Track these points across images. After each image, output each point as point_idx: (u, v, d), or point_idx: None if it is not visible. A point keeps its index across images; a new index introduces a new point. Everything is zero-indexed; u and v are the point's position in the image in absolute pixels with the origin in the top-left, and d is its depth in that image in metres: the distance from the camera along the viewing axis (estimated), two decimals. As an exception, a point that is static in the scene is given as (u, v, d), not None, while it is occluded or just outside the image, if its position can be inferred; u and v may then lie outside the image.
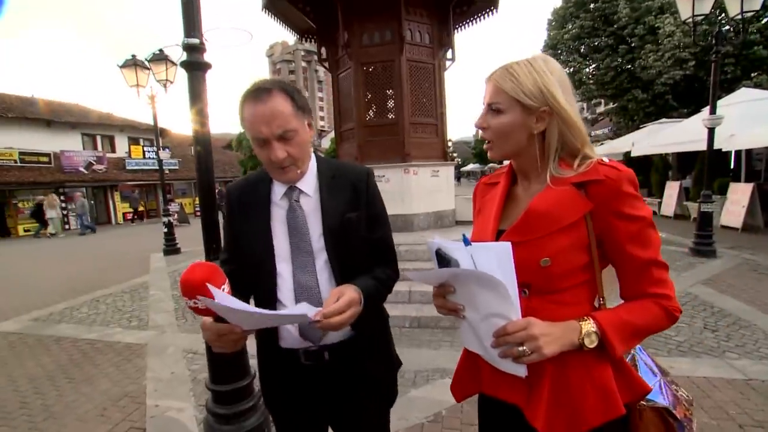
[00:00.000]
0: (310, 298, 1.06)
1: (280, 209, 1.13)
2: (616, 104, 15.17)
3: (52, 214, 16.16)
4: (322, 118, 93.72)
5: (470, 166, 59.18)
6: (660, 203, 11.07)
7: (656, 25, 12.26)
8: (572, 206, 0.85)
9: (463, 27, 7.52)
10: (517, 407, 0.90)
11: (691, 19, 6.00)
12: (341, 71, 7.11)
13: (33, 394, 3.08)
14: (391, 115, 6.76)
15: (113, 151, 22.44)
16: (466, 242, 0.84)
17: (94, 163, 20.13)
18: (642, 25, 12.82)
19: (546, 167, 0.91)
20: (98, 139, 22.10)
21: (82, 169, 19.57)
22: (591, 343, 0.81)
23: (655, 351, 3.19)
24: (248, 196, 1.16)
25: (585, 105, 29.50)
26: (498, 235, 0.93)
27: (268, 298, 1.09)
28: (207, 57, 2.08)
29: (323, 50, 7.48)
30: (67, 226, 18.25)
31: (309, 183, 1.14)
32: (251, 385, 2.32)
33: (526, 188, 0.97)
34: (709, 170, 6.74)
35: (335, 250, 1.10)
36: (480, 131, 0.98)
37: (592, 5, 14.25)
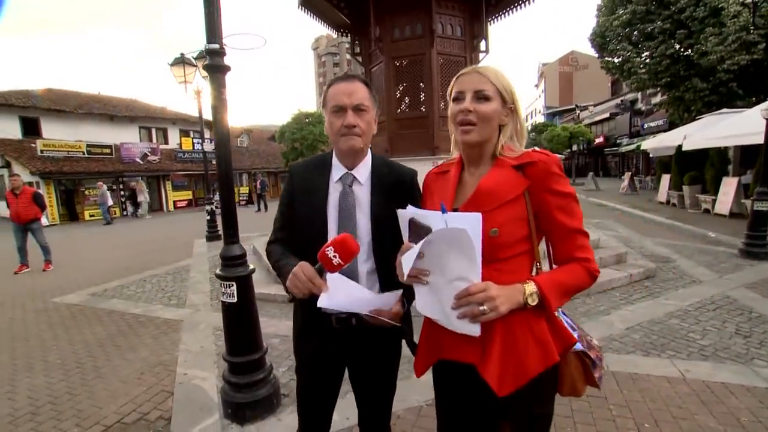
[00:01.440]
0: (349, 268, 1.19)
1: (335, 191, 1.29)
2: (670, 95, 14.12)
3: (141, 198, 18.20)
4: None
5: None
6: (714, 200, 10.28)
7: (719, 6, 11.25)
8: (513, 184, 1.01)
9: (497, 18, 7.32)
10: (471, 366, 1.01)
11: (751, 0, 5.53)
12: (373, 65, 7.20)
13: (86, 356, 3.52)
14: (421, 109, 6.78)
15: (166, 142, 24.04)
16: (444, 210, 0.93)
17: (149, 154, 21.66)
18: (703, 7, 11.81)
19: (487, 156, 1.09)
20: (153, 131, 23.75)
21: (138, 159, 21.14)
22: (533, 301, 0.96)
23: (674, 353, 3.07)
24: (309, 175, 1.33)
25: (640, 95, 27.58)
26: (454, 211, 1.03)
27: (313, 262, 1.18)
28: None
29: (357, 44, 7.62)
30: (125, 213, 19.86)
31: (363, 172, 1.30)
32: (263, 358, 2.54)
33: (473, 173, 1.11)
34: (766, 165, 6.18)
35: (377, 232, 1.25)
36: (463, 118, 1.06)
37: (647, -13, 13.30)
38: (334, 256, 1.04)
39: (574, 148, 29.17)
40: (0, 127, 17.56)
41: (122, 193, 20.14)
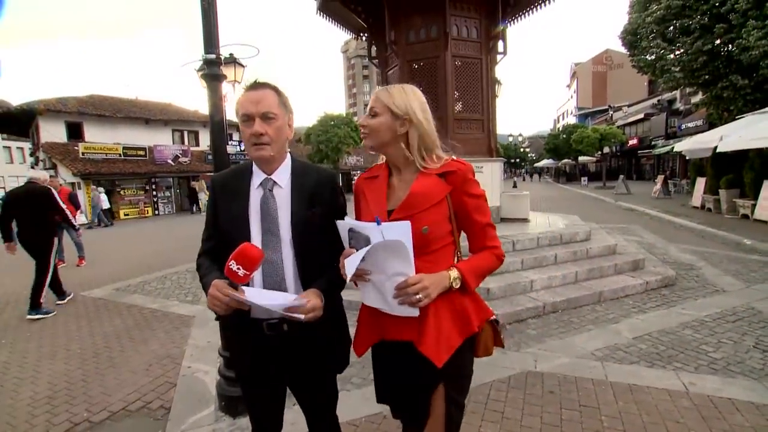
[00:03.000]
0: (274, 270, 1.29)
1: (257, 196, 1.31)
2: (708, 93, 13.37)
3: (202, 196, 19.30)
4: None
5: (543, 162, 55.91)
6: (754, 205, 9.67)
7: (763, -2, 10.57)
8: (438, 189, 1.21)
9: (516, 19, 7.24)
10: (409, 343, 1.20)
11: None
12: (390, 68, 7.26)
13: (104, 346, 3.75)
14: (437, 111, 6.76)
15: (197, 145, 24.99)
16: (378, 222, 1.10)
17: (180, 155, 22.59)
18: (745, -1, 11.12)
19: (411, 163, 1.25)
20: (185, 134, 24.76)
21: (170, 161, 22.09)
22: (456, 284, 1.18)
23: (682, 366, 2.94)
24: (231, 184, 1.36)
25: (678, 95, 26.26)
26: (389, 214, 1.22)
27: None
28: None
29: (373, 48, 7.70)
30: (157, 212, 20.81)
31: (283, 176, 1.33)
32: (256, 355, 2.62)
33: (400, 179, 1.29)
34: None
35: (299, 235, 1.29)
36: (363, 135, 1.30)
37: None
38: (238, 269, 1.09)
39: (606, 150, 28.09)
40: (48, 131, 18.88)
41: (155, 193, 21.12)
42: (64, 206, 5.19)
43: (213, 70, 2.36)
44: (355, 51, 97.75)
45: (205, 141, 25.49)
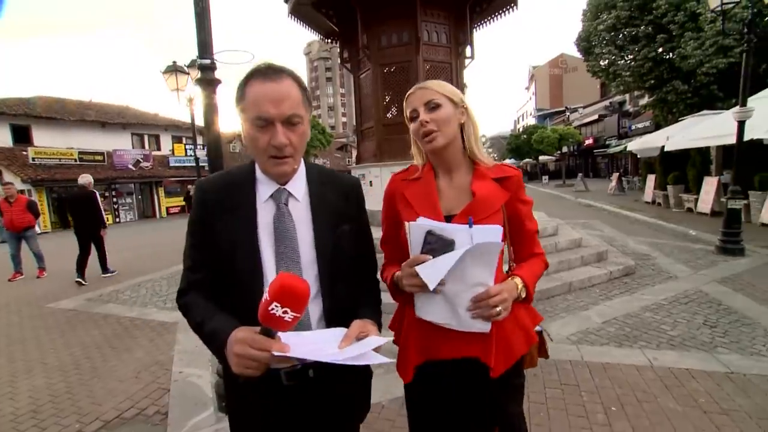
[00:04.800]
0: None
1: (267, 212, 1.01)
2: (654, 97, 14.48)
3: None
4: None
5: (506, 162, 57.88)
6: (696, 200, 10.59)
7: (698, 11, 11.62)
8: (498, 195, 1.14)
9: (482, 25, 7.58)
10: (469, 360, 1.11)
11: (720, 8, 5.81)
12: (362, 72, 7.40)
13: (84, 357, 3.64)
14: (408, 114, 6.96)
15: (159, 149, 24.05)
16: (471, 224, 1.01)
17: (141, 160, 21.66)
18: (683, 12, 12.18)
19: (463, 160, 1.19)
20: (146, 138, 23.76)
21: (130, 166, 21.12)
22: (522, 293, 1.12)
23: (646, 344, 3.26)
24: (228, 194, 1.02)
25: (628, 97, 28.10)
26: (447, 219, 1.11)
27: (249, 308, 0.86)
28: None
29: (345, 52, 7.82)
30: (117, 219, 19.81)
31: (299, 186, 1.04)
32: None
33: (450, 181, 1.19)
34: (743, 165, 6.49)
35: (327, 261, 1.01)
36: (425, 130, 1.13)
37: (629, -7, 13.67)
38: (285, 312, 0.76)
39: (564, 149, 29.58)
40: (-10, 135, 17.51)
41: (115, 200, 20.12)
42: (101, 206, 7.01)
43: (207, 75, 2.40)
44: (318, 53, 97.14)
45: (166, 145, 24.57)
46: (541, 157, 37.29)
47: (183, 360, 3.42)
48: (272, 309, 0.77)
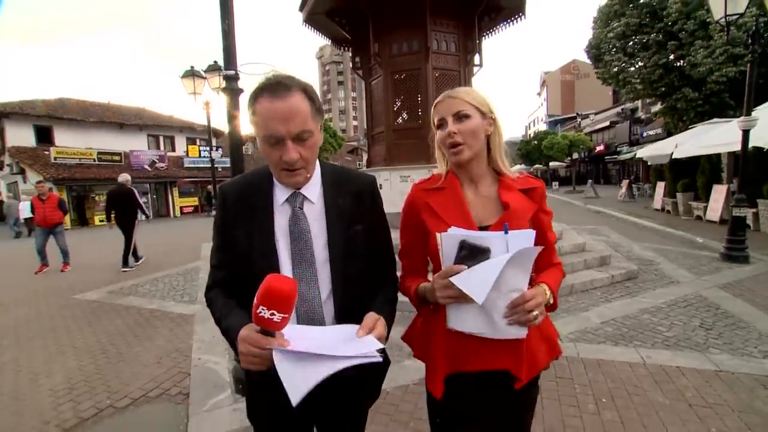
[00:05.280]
0: (310, 309, 1.05)
1: (283, 215, 1.06)
2: (665, 104, 14.48)
3: None
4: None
5: (516, 167, 57.39)
6: (706, 207, 10.58)
7: (708, 20, 11.65)
8: (528, 206, 1.15)
9: (491, 34, 7.77)
10: (497, 372, 1.10)
11: (724, 19, 5.92)
12: (373, 79, 7.63)
13: (109, 344, 3.90)
14: (418, 120, 7.16)
15: (173, 150, 24.63)
16: (506, 231, 0.99)
17: (157, 161, 22.22)
18: (693, 20, 12.21)
19: (486, 172, 1.18)
20: (161, 139, 24.38)
21: (146, 166, 21.68)
22: (549, 300, 1.09)
23: (641, 343, 3.40)
24: (248, 198, 1.08)
25: (640, 104, 27.96)
26: (482, 230, 1.09)
27: None
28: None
29: (357, 59, 8.07)
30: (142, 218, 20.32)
31: (313, 189, 1.08)
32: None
33: (475, 191, 1.17)
34: (746, 173, 6.55)
35: (340, 262, 1.06)
36: (452, 141, 1.12)
37: (639, 0, 13.75)
38: (272, 315, 0.82)
39: (575, 156, 29.49)
40: (16, 135, 18.20)
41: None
42: (141, 201, 7.84)
43: (232, 85, 2.64)
44: (330, 57, 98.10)
45: (180, 146, 25.15)
46: (551, 163, 37.19)
47: (201, 348, 3.65)
48: (260, 312, 0.82)
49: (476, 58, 7.50)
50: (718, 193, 10.21)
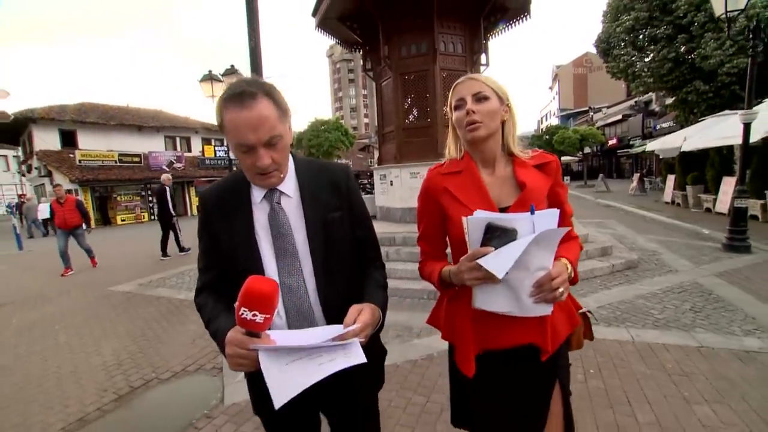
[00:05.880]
0: (298, 300, 1.07)
1: (262, 212, 1.09)
2: (675, 97, 14.44)
3: None
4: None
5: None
6: (715, 200, 10.63)
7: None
8: (543, 181, 1.17)
9: (497, 34, 8.02)
10: (524, 347, 1.15)
11: (725, 15, 6.07)
12: (383, 80, 7.96)
13: (147, 328, 4.33)
14: (427, 119, 7.46)
15: (189, 150, 25.33)
16: (533, 211, 1.02)
17: (174, 161, 22.92)
18: (703, 12, 12.17)
19: (502, 154, 1.22)
20: (177, 140, 25.08)
21: (164, 167, 22.39)
22: (571, 275, 1.11)
23: (632, 324, 3.67)
24: (226, 200, 1.12)
25: (654, 96, 27.61)
26: (502, 211, 1.12)
27: None
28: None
29: (368, 61, 8.41)
30: (153, 217, 21.08)
31: (289, 184, 1.12)
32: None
33: (492, 174, 1.20)
34: (747, 166, 6.68)
35: (321, 250, 1.09)
36: (470, 119, 1.15)
37: (648, -6, 13.71)
38: (254, 316, 0.83)
39: (586, 150, 29.31)
40: (43, 139, 19.07)
41: (150, 198, 21.42)
42: (170, 200, 8.67)
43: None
44: (341, 55, 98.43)
45: (196, 147, 25.84)
46: (563, 158, 36.96)
47: (230, 330, 4.05)
48: (242, 314, 0.83)
49: (483, 58, 7.77)
50: (728, 185, 10.24)
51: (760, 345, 3.09)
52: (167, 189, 8.68)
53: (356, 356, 0.91)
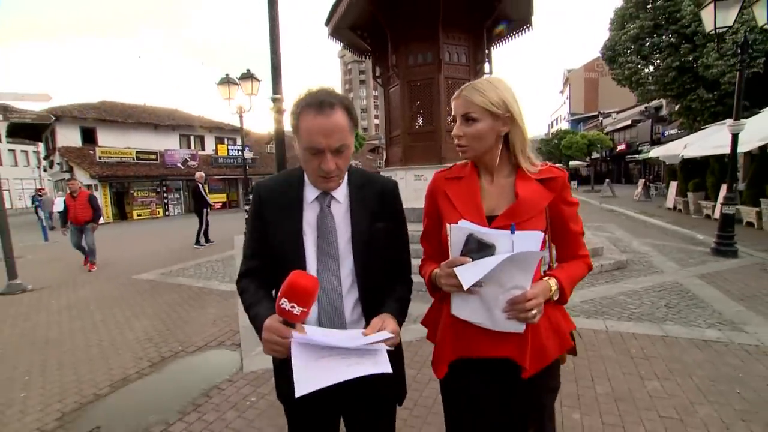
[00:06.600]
0: (332, 300, 1.13)
1: (312, 212, 1.16)
2: (679, 105, 14.66)
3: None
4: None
5: (536, 166, 57.27)
6: (714, 206, 10.85)
7: (722, 23, 11.85)
8: (542, 196, 1.14)
9: (500, 44, 8.42)
10: (502, 360, 1.13)
11: (714, 32, 6.39)
12: (391, 87, 8.39)
13: (171, 311, 4.82)
14: (431, 124, 7.86)
15: (203, 149, 26.04)
16: (513, 230, 1.02)
17: (189, 159, 23.62)
18: (707, 23, 12.41)
19: (504, 164, 1.19)
20: (191, 138, 25.80)
21: (179, 165, 23.11)
22: (555, 295, 1.11)
23: (609, 317, 4.04)
24: (280, 195, 1.18)
25: (664, 102, 27.65)
26: (490, 220, 1.12)
27: None
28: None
29: (377, 69, 8.85)
30: (167, 213, 21.77)
31: (341, 190, 1.18)
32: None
33: (492, 182, 1.19)
34: (734, 175, 6.99)
35: (361, 256, 1.15)
36: (457, 142, 1.17)
37: (654, 3, 13.98)
38: (293, 307, 0.91)
39: (594, 155, 29.42)
40: (65, 136, 19.88)
41: (165, 195, 22.15)
42: (205, 195, 9.97)
43: (278, 106, 3.45)
44: (352, 57, 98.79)
45: (210, 145, 26.56)
46: (571, 163, 37.04)
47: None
48: (282, 304, 0.91)
49: (486, 67, 8.17)
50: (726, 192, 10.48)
51: (718, 335, 3.46)
52: (200, 185, 9.92)
53: (383, 365, 0.95)
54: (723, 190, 10.70)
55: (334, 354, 0.96)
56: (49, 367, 3.40)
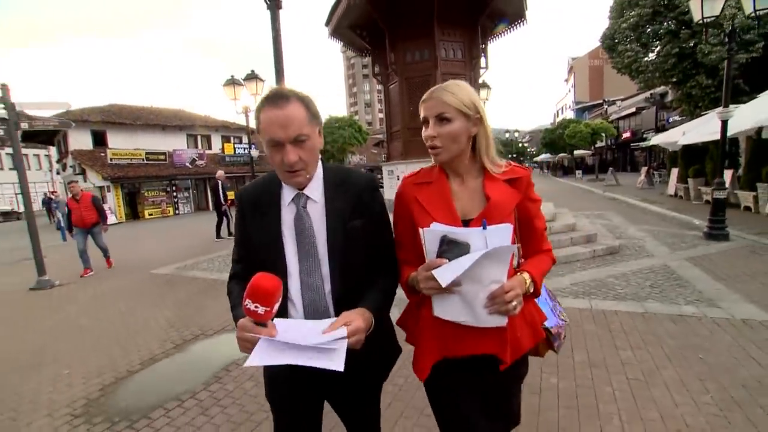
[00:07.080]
0: (316, 297, 1.17)
1: (289, 213, 1.18)
2: (680, 91, 14.70)
3: None
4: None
5: (542, 156, 57.15)
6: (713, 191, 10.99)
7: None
8: (511, 197, 1.17)
9: (495, 38, 8.63)
10: (485, 357, 1.16)
11: (702, 21, 6.56)
12: (390, 83, 8.66)
13: (189, 301, 5.19)
14: (430, 118, 8.11)
15: (210, 148, 26.51)
16: (485, 226, 1.04)
17: (197, 159, 24.10)
18: (706, 9, 12.44)
19: (473, 165, 1.21)
20: (198, 138, 26.28)
21: (187, 164, 23.59)
22: (530, 288, 1.16)
23: (595, 297, 4.32)
24: (260, 199, 1.22)
25: (669, 88, 27.50)
26: (465, 223, 1.14)
27: None
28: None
29: (376, 66, 9.11)
30: (177, 211, 22.30)
31: (316, 189, 1.19)
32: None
33: (461, 185, 1.21)
34: (723, 160, 7.20)
35: (338, 254, 1.16)
36: (431, 143, 1.18)
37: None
38: (256, 307, 0.95)
39: (599, 144, 29.37)
40: (77, 139, 20.43)
41: (175, 194, 22.69)
42: (222, 192, 10.60)
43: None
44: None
45: (216, 144, 27.01)
46: (576, 152, 36.95)
47: (258, 302, 4.88)
48: (247, 305, 0.95)
49: (482, 62, 8.39)
50: (725, 178, 10.60)
51: (693, 311, 3.73)
52: (220, 183, 10.66)
53: (336, 363, 0.97)
54: (728, 176, 10.86)
55: (294, 348, 1.01)
56: (86, 350, 3.79)
